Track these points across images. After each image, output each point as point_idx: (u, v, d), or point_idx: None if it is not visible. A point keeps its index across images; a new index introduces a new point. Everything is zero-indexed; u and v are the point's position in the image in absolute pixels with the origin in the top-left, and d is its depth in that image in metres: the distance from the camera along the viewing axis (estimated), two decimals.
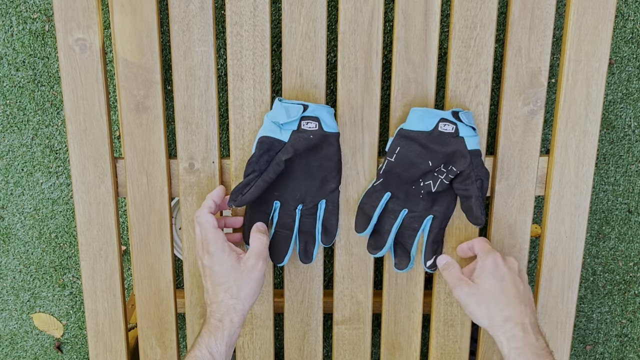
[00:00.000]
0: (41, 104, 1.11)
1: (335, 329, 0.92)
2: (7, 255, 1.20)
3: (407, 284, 0.90)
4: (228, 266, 0.76)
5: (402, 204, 0.84)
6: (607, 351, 1.28)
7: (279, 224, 0.84)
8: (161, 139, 0.84)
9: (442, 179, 0.81)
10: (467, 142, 0.80)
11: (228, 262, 0.77)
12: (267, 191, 0.82)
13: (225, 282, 0.76)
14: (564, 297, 0.90)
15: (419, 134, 0.81)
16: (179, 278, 1.17)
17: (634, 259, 1.22)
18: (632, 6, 1.07)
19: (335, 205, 0.85)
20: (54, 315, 1.25)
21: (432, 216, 0.84)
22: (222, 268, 0.76)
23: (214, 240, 0.77)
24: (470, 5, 0.80)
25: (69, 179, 1.15)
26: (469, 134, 0.80)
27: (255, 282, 0.77)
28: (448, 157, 0.80)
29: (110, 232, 0.87)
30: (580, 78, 0.82)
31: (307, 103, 0.80)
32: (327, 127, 0.81)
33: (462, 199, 0.82)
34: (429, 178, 0.82)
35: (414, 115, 0.81)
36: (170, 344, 0.92)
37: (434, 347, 0.93)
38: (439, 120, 0.80)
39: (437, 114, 0.80)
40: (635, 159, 1.15)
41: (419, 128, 0.81)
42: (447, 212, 0.84)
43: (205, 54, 0.82)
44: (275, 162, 0.80)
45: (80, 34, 0.80)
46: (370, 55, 0.82)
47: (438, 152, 0.80)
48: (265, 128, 0.81)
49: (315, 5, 0.80)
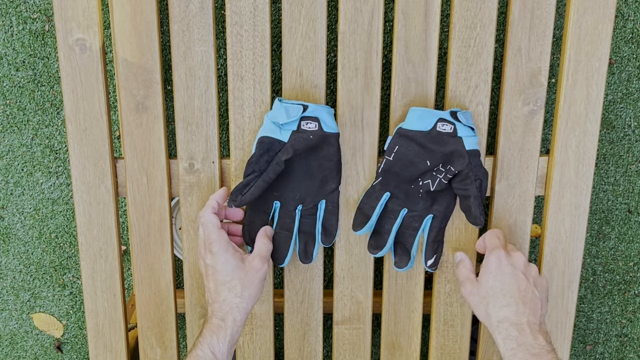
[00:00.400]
0: (41, 104, 1.11)
1: (335, 329, 0.92)
2: (7, 255, 1.20)
3: (407, 284, 0.90)
4: (232, 265, 0.77)
5: (401, 203, 0.84)
6: (607, 351, 1.28)
7: (279, 224, 0.84)
8: (161, 139, 0.84)
9: (441, 178, 0.81)
10: (465, 142, 0.80)
11: (232, 262, 0.77)
12: (267, 191, 0.82)
13: (229, 280, 0.76)
14: (564, 297, 0.90)
15: (418, 134, 0.81)
16: (179, 278, 1.17)
17: (634, 259, 1.22)
18: (632, 6, 1.07)
19: (335, 206, 0.85)
20: (54, 315, 1.25)
21: (431, 215, 0.84)
22: (226, 267, 0.76)
23: (217, 240, 0.77)
24: (470, 5, 0.80)
25: (69, 179, 1.15)
26: (468, 134, 0.80)
27: (258, 283, 0.78)
28: (446, 156, 0.80)
29: (110, 232, 0.87)
30: (580, 78, 0.82)
31: (307, 103, 0.80)
32: (326, 127, 0.81)
33: (461, 198, 0.82)
34: (428, 177, 0.82)
35: (413, 114, 0.81)
36: (170, 344, 0.92)
37: (434, 347, 0.93)
38: (437, 120, 0.80)
39: (436, 114, 0.80)
40: (635, 159, 1.15)
41: (417, 128, 0.81)
42: (446, 211, 0.84)
43: (205, 54, 0.82)
44: (275, 162, 0.80)
45: (80, 34, 0.80)
46: (370, 55, 0.82)
47: (436, 151, 0.80)
48: (265, 128, 0.81)
49: (315, 5, 0.80)
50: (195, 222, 0.87)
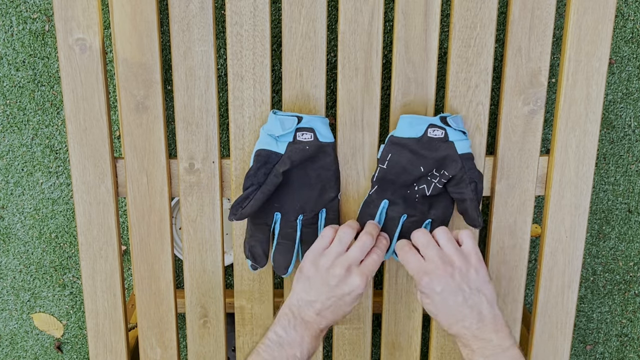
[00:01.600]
0: (41, 104, 1.11)
1: (335, 329, 0.92)
2: (7, 255, 1.20)
3: (407, 284, 0.90)
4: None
5: (400, 209, 0.84)
6: (607, 351, 1.28)
7: (281, 234, 0.84)
8: (161, 139, 0.84)
9: (435, 182, 0.81)
10: (457, 147, 0.80)
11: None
12: (267, 203, 0.82)
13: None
14: (564, 297, 0.90)
15: (409, 141, 0.81)
16: (179, 278, 1.17)
17: (634, 258, 1.22)
18: (632, 6, 1.07)
19: (335, 214, 0.85)
20: (54, 315, 1.25)
21: (430, 220, 0.84)
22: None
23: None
24: (470, 5, 0.80)
25: (69, 179, 1.15)
26: (459, 138, 0.80)
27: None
28: (439, 162, 0.80)
29: (110, 232, 0.87)
30: (580, 78, 0.82)
31: (302, 115, 0.80)
32: (322, 137, 0.81)
33: (458, 202, 0.83)
34: (423, 182, 0.82)
35: (403, 122, 0.81)
36: (170, 344, 0.92)
37: (434, 347, 0.93)
38: (428, 126, 0.80)
39: (426, 120, 0.80)
40: (635, 159, 1.15)
41: (408, 135, 0.81)
42: (444, 215, 0.84)
43: (205, 54, 0.82)
44: (273, 174, 0.81)
45: (80, 34, 0.80)
46: (370, 55, 0.82)
47: (429, 157, 0.80)
48: (262, 141, 0.82)
49: (315, 5, 0.80)
50: (195, 222, 0.87)
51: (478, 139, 0.84)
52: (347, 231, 0.77)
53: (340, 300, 0.74)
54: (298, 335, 0.73)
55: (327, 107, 0.95)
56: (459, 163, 0.80)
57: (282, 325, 0.74)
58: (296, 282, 0.77)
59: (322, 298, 0.74)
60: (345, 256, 0.75)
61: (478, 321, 0.72)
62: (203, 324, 0.91)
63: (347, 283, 0.74)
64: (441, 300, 0.73)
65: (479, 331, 0.72)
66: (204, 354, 0.92)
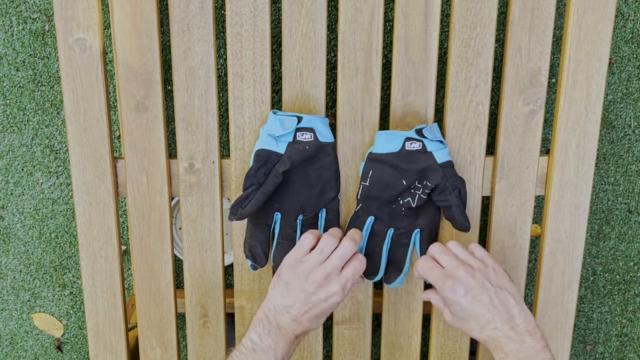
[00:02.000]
0: (41, 104, 1.11)
1: (335, 329, 0.92)
2: (7, 255, 1.20)
3: (407, 284, 0.90)
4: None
5: (386, 224, 0.84)
6: (607, 351, 1.28)
7: (281, 234, 0.84)
8: (161, 139, 0.84)
9: (419, 194, 0.81)
10: (436, 156, 0.80)
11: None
12: (267, 203, 0.82)
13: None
14: (564, 297, 0.90)
15: (388, 156, 0.81)
16: (179, 278, 1.17)
17: (634, 258, 1.22)
18: (632, 6, 1.07)
19: (335, 214, 0.85)
20: (54, 315, 1.25)
21: (419, 230, 0.84)
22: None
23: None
24: (470, 5, 0.80)
25: (69, 179, 1.15)
26: (437, 148, 0.80)
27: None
28: (420, 173, 0.81)
29: (110, 232, 0.87)
30: (580, 78, 0.82)
31: (301, 115, 0.80)
32: (322, 137, 0.81)
33: (444, 209, 0.83)
34: (407, 195, 0.82)
35: (379, 138, 0.82)
36: (170, 344, 0.92)
37: (434, 347, 0.93)
38: (405, 139, 0.80)
39: (402, 134, 0.81)
40: (635, 159, 1.15)
41: (386, 150, 0.81)
42: (432, 223, 0.84)
43: (205, 54, 0.82)
44: (273, 174, 0.81)
45: (80, 34, 0.80)
46: (370, 55, 0.82)
47: (409, 170, 0.81)
48: (262, 141, 0.82)
49: (315, 5, 0.80)
50: (195, 222, 0.87)
51: (478, 139, 0.84)
52: (329, 240, 0.76)
53: (317, 307, 0.74)
54: (272, 341, 0.73)
55: (327, 107, 0.95)
56: (439, 172, 0.80)
57: (257, 332, 0.74)
58: (273, 287, 0.76)
59: (299, 304, 0.73)
60: (325, 263, 0.74)
61: (508, 320, 0.71)
62: (203, 324, 0.91)
63: (324, 289, 0.73)
64: (467, 303, 0.71)
65: (512, 331, 0.71)
66: (204, 354, 0.92)
